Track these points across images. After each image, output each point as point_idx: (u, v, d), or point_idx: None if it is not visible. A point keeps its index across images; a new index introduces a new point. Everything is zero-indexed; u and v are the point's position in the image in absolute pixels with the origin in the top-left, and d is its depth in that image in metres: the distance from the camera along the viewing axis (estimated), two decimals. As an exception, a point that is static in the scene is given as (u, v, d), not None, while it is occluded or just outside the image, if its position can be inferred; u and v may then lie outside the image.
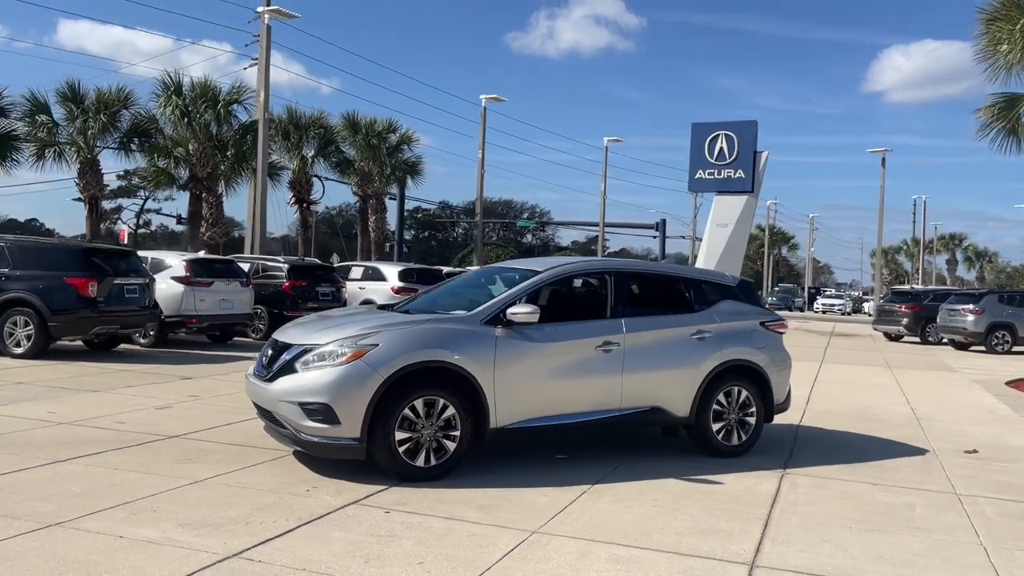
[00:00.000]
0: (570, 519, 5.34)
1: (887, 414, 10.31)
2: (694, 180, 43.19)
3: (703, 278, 7.73)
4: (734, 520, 5.46)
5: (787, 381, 7.80)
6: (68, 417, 7.96)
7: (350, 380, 5.91)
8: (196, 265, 14.99)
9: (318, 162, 29.02)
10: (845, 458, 7.55)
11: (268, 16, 20.03)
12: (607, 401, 6.80)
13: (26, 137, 21.37)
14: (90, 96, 22.18)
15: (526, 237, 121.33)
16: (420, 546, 4.70)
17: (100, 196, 22.62)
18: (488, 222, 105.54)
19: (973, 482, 6.87)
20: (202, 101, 23.06)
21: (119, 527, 4.78)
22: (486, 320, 6.43)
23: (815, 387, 12.84)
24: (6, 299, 12.42)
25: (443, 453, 6.16)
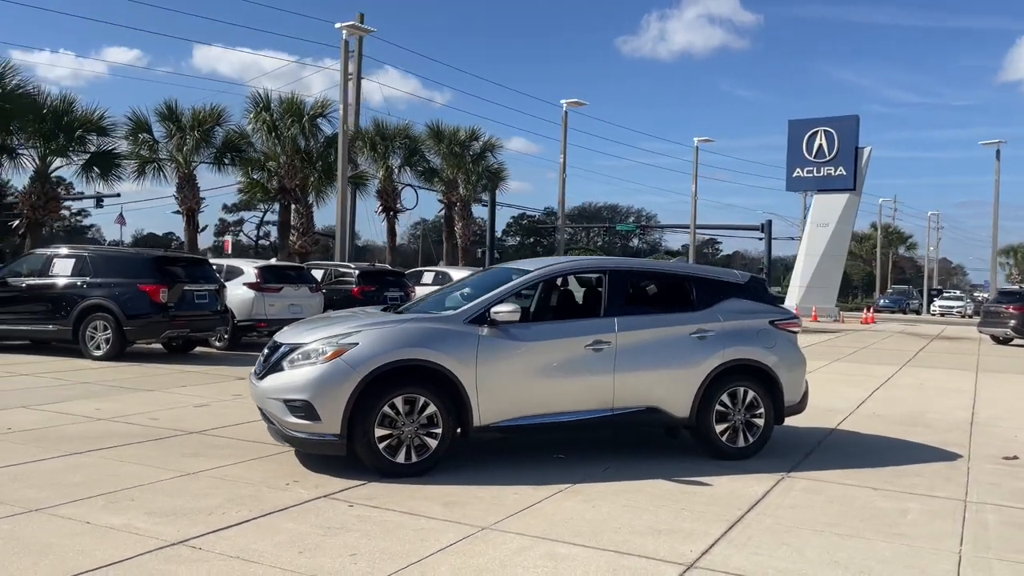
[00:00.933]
0: (529, 517, 5.34)
1: (940, 419, 9.74)
2: (792, 179, 42.16)
3: (706, 276, 7.54)
4: (701, 522, 5.33)
5: (800, 382, 7.50)
6: (109, 414, 8.49)
7: (330, 378, 6.09)
8: (266, 272, 15.65)
9: (404, 171, 29.77)
10: (863, 462, 7.21)
11: (346, 32, 20.69)
12: (598, 400, 6.73)
13: (129, 154, 22.87)
14: (186, 114, 23.51)
15: (632, 241, 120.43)
16: (363, 538, 4.81)
17: (197, 209, 23.91)
18: (592, 227, 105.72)
19: (993, 489, 6.44)
20: (288, 116, 24.11)
21: (91, 514, 5.10)
22: (470, 319, 6.49)
23: (878, 391, 12.26)
24: (87, 305, 13.33)
25: (425, 450, 6.26)
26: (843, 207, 40.12)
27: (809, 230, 41.19)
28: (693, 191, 36.84)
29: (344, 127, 21.24)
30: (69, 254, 14.05)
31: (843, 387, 12.54)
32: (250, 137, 24.77)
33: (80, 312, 13.37)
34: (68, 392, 9.94)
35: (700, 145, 37.97)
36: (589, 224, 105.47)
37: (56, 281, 13.72)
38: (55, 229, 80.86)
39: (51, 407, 8.82)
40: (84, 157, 21.58)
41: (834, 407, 10.30)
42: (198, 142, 23.22)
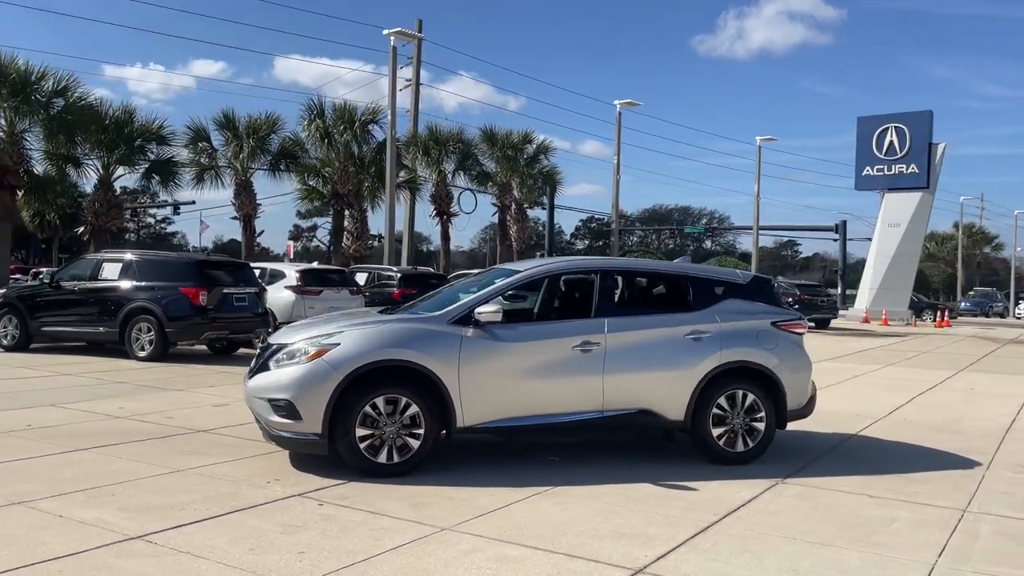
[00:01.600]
0: (496, 519, 5.29)
1: (975, 426, 9.28)
2: (861, 177, 40.90)
3: (704, 276, 7.35)
4: (670, 527, 5.19)
5: (805, 385, 7.25)
6: (129, 412, 8.77)
7: (311, 378, 6.15)
8: (307, 275, 15.97)
9: (458, 175, 29.98)
10: (870, 469, 6.92)
11: (393, 39, 20.95)
12: (587, 402, 6.63)
13: (187, 162, 23.66)
14: (242, 122, 24.17)
15: (705, 244, 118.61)
16: (319, 537, 4.83)
17: (253, 215, 24.56)
18: (660, 229, 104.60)
19: (1002, 499, 6.10)
20: (341, 123, 24.54)
21: (68, 508, 5.26)
22: (454, 320, 6.47)
23: (921, 396, 11.77)
24: (132, 308, 13.81)
25: (407, 451, 6.26)
26: (915, 206, 38.71)
27: (880, 230, 39.88)
28: (756, 191, 36.12)
29: (392, 132, 21.51)
30: (116, 258, 14.58)
31: (884, 392, 12.09)
32: (304, 144, 25.31)
33: (126, 314, 13.86)
34: (101, 391, 10.30)
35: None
36: (660, 227, 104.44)
37: (104, 284, 14.25)
38: (140, 235, 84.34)
39: (78, 405, 9.15)
40: (144, 166, 22.35)
41: (865, 412, 9.93)
42: (253, 149, 23.86)
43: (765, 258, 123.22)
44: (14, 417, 8.34)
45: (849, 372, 14.81)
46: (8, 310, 15.08)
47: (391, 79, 21.50)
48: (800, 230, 74.39)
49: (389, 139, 21.56)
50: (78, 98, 20.01)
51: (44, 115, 19.61)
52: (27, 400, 9.48)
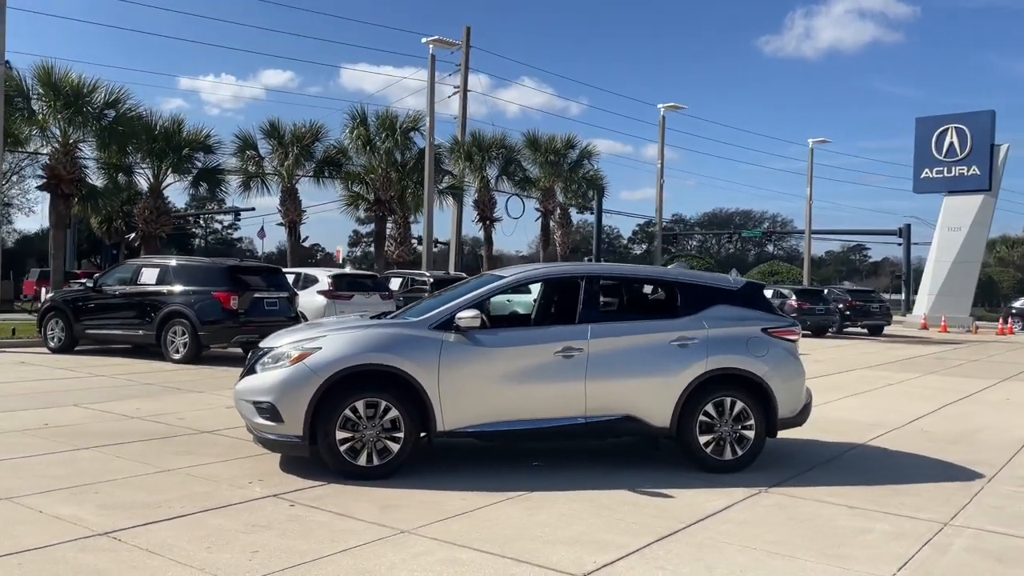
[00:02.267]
0: (458, 523, 5.33)
1: (993, 438, 8.96)
2: (919, 180, 39.83)
3: (693, 282, 7.26)
4: (630, 534, 5.16)
5: (798, 393, 7.11)
6: (144, 413, 9.06)
7: (292, 381, 6.28)
8: (339, 280, 16.24)
9: (502, 180, 30.11)
10: (863, 480, 6.75)
11: (432, 47, 21.17)
12: (569, 408, 6.62)
13: (233, 170, 24.33)
14: (288, 131, 24.72)
15: (767, 247, 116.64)
16: (277, 537, 4.94)
17: (298, 221, 25.09)
18: (720, 233, 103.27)
19: (990, 513, 5.90)
20: (383, 130, 24.92)
21: (49, 504, 5.47)
22: (435, 325, 6.54)
23: (949, 406, 11.41)
24: (168, 311, 14.26)
25: (387, 454, 6.35)
26: (977, 209, 37.48)
27: (939, 234, 38.72)
28: (808, 195, 35.41)
29: (431, 139, 21.74)
30: (154, 263, 15.07)
31: (912, 401, 11.75)
32: (347, 151, 25.75)
33: (162, 318, 14.31)
34: (125, 392, 10.66)
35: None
36: (717, 231, 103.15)
37: (143, 289, 14.73)
38: (207, 242, 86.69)
39: (98, 405, 9.49)
40: (193, 174, 23.02)
41: (881, 422, 9.68)
42: (298, 157, 24.38)
43: (832, 263, 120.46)
44: (35, 416, 8.69)
45: (883, 380, 14.43)
46: (55, 313, 15.71)
47: (429, 86, 21.72)
48: (861, 234, 73.05)
49: (428, 146, 21.79)
50: (128, 109, 20.75)
51: (96, 126, 20.34)
52: (54, 400, 9.87)
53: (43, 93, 19.84)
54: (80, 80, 19.87)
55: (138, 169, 22.33)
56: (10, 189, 63.94)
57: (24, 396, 10.20)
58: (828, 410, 10.56)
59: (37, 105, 20.04)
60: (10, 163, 55.06)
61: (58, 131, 20.18)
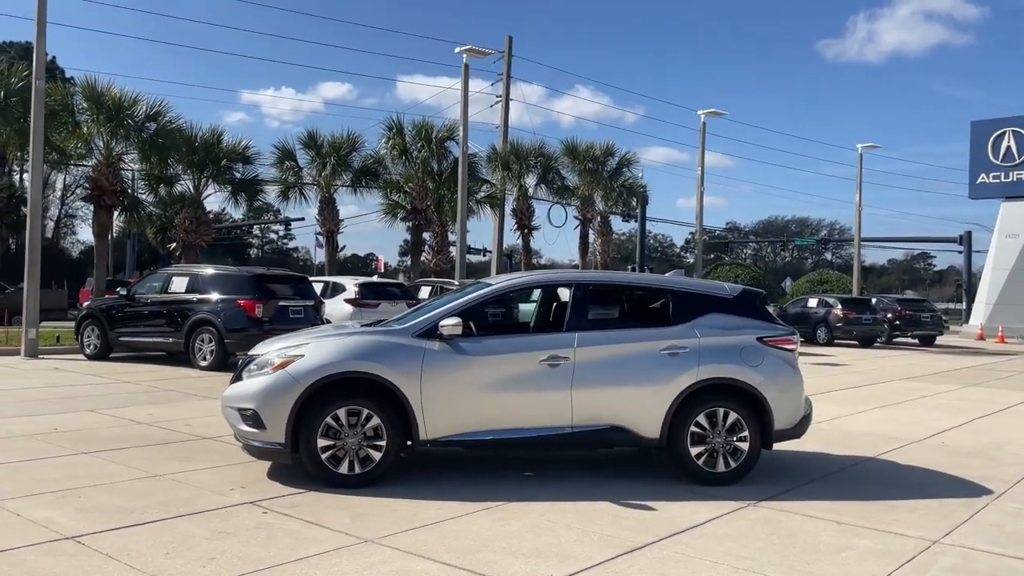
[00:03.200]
0: (424, 532, 5.27)
1: (1014, 453, 8.55)
2: (975, 186, 38.67)
3: (686, 289, 7.09)
4: (598, 547, 5.04)
5: (795, 404, 6.88)
6: (154, 419, 9.20)
7: (274, 388, 6.31)
8: (366, 289, 16.36)
9: (540, 189, 30.06)
10: (860, 495, 6.50)
11: (465, 56, 21.25)
12: (555, 417, 6.52)
13: (271, 180, 24.77)
14: (325, 141, 25.07)
15: (825, 255, 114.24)
16: (239, 544, 4.94)
17: (336, 230, 25.38)
18: (774, 241, 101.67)
19: (986, 531, 5.62)
20: (419, 139, 25.12)
21: (29, 508, 5.57)
22: (419, 333, 6.51)
23: (980, 420, 10.97)
24: (196, 319, 14.53)
25: (369, 462, 6.32)
26: (1035, 215, 36.14)
27: (996, 242, 37.48)
28: (857, 201, 34.56)
29: (464, 148, 21.79)
30: (184, 272, 15.38)
31: (940, 413, 11.33)
32: (385, 161, 26.01)
33: (190, 326, 14.59)
34: (144, 398, 10.87)
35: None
36: (769, 239, 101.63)
37: (172, 297, 15.03)
38: (263, 252, 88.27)
39: (113, 411, 9.67)
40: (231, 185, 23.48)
41: (900, 435, 9.35)
42: (335, 167, 24.70)
43: (894, 271, 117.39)
44: (48, 421, 8.89)
45: (918, 392, 13.96)
46: (91, 321, 16.12)
47: (463, 95, 21.79)
48: (918, 241, 70.82)
49: (462, 155, 21.87)
50: (168, 121, 21.25)
51: (138, 138, 20.87)
52: (72, 405, 10.11)
53: (87, 107, 20.44)
54: (122, 94, 20.43)
55: (179, 181, 22.78)
56: (74, 202, 66.21)
57: (45, 401, 10.47)
58: (848, 422, 10.26)
59: (82, 119, 20.63)
60: (74, 176, 57.06)
61: (101, 144, 20.75)
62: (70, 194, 65.54)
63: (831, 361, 20.34)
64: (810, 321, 28.23)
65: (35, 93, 16.37)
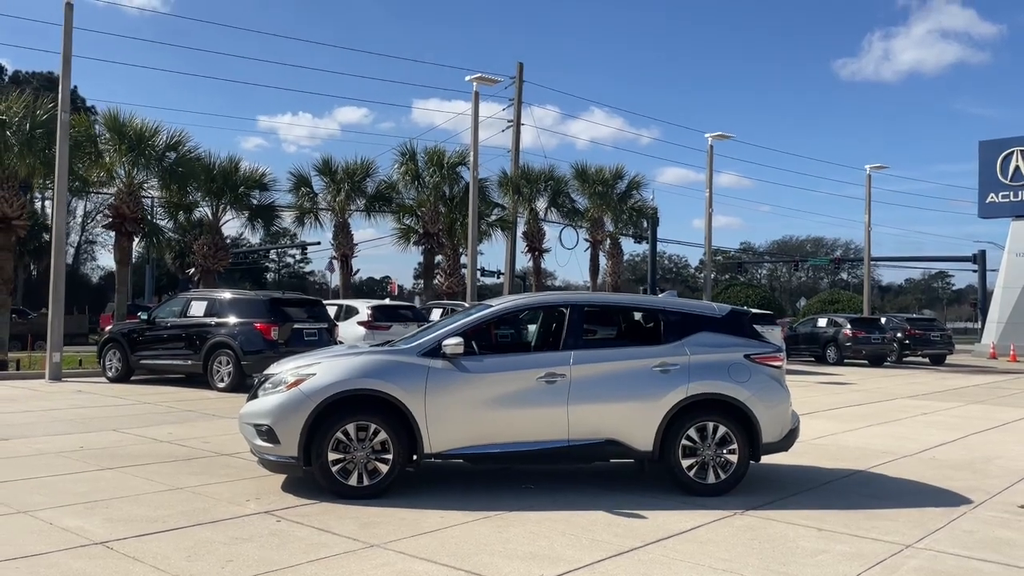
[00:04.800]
0: (427, 539, 5.63)
1: (1001, 466, 8.82)
2: (984, 205, 38.87)
3: (676, 309, 7.46)
4: (586, 550, 5.39)
5: (782, 418, 7.22)
6: (174, 437, 9.63)
7: (288, 405, 6.72)
8: (378, 311, 16.79)
9: (550, 212, 30.57)
10: (845, 504, 6.81)
11: (476, 83, 21.79)
12: (552, 432, 6.89)
13: (287, 206, 25.42)
14: (340, 167, 25.69)
15: (841, 275, 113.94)
16: (255, 548, 5.33)
17: (350, 254, 25.94)
18: (787, 261, 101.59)
19: (959, 537, 5.92)
20: (431, 165, 25.73)
21: (61, 517, 5.98)
22: (424, 352, 6.91)
23: (975, 435, 11.23)
24: (213, 342, 15.00)
25: (376, 474, 6.71)
26: (1045, 234, 36.24)
27: (1007, 261, 37.58)
28: (866, 221, 34.72)
29: (475, 173, 22.28)
30: (203, 297, 15.87)
31: (936, 430, 11.60)
32: (398, 186, 26.61)
33: (208, 348, 15.06)
34: (164, 418, 11.31)
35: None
36: (782, 259, 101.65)
37: (191, 321, 15.53)
38: (280, 276, 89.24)
39: (135, 430, 10.11)
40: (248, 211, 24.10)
41: (893, 449, 9.64)
42: (349, 192, 25.30)
43: (912, 291, 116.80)
44: (74, 440, 9.34)
45: (919, 410, 14.20)
46: (113, 345, 16.64)
47: (473, 122, 22.32)
48: (931, 260, 71.02)
49: (472, 179, 22.37)
50: (188, 151, 21.94)
51: (158, 167, 21.50)
52: (96, 425, 10.56)
53: (110, 138, 21.11)
54: (143, 125, 21.09)
55: (198, 208, 23.41)
56: (94, 228, 67.36)
57: (70, 421, 10.92)
58: (844, 438, 10.55)
59: (104, 149, 21.30)
60: (95, 204, 58.18)
61: (123, 173, 21.39)
62: (91, 221, 66.64)
63: (837, 380, 20.57)
64: (819, 341, 28.43)
65: (60, 126, 17.02)
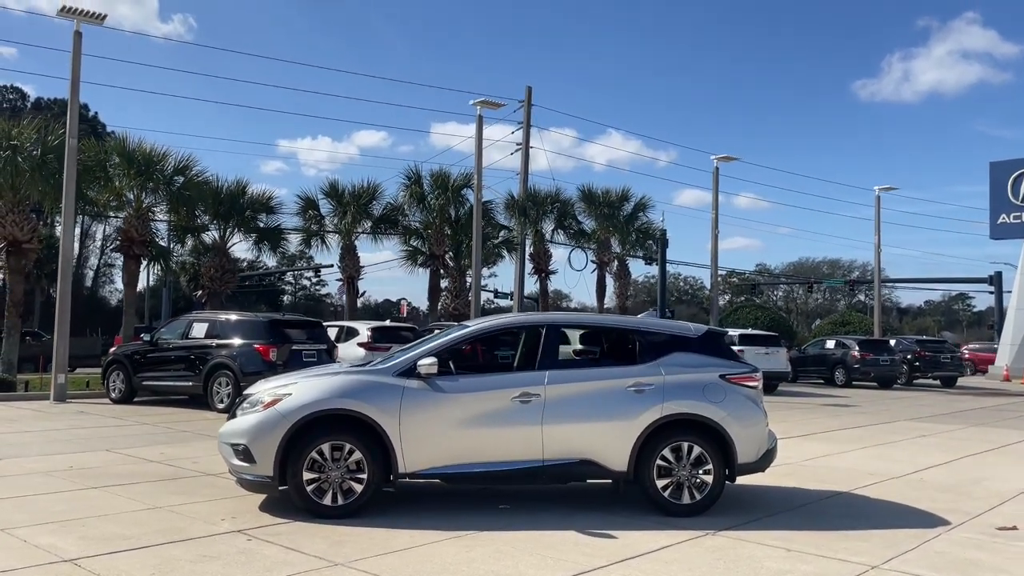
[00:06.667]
0: (393, 557, 5.67)
1: (986, 488, 8.74)
2: (996, 226, 38.62)
3: (652, 329, 7.51)
4: (549, 570, 5.41)
5: (757, 438, 7.22)
6: (165, 457, 9.73)
7: (264, 425, 6.79)
8: (377, 332, 16.90)
9: (557, 233, 30.70)
10: (820, 525, 6.79)
11: (480, 108, 22.00)
12: (527, 451, 6.92)
13: (294, 229, 25.72)
14: (347, 191, 25.97)
15: (858, 297, 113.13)
16: (220, 566, 5.39)
17: (356, 276, 26.19)
18: (803, 283, 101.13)
19: (928, 558, 5.89)
20: (436, 187, 25.98)
21: (35, 535, 6.07)
22: (399, 372, 6.99)
23: (969, 457, 11.14)
24: (214, 363, 15.15)
25: (351, 494, 6.76)
26: (1058, 255, 35.92)
27: (1019, 282, 37.24)
28: (876, 242, 34.62)
29: (479, 196, 22.45)
30: (203, 319, 16.04)
31: (929, 452, 11.51)
32: (404, 208, 26.86)
33: (209, 369, 15.21)
34: (159, 439, 11.42)
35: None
36: (796, 280, 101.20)
37: (192, 343, 15.69)
38: (296, 298, 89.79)
39: (127, 450, 10.23)
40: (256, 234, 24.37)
41: (879, 471, 9.58)
42: (355, 215, 25.55)
43: (931, 312, 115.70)
44: (65, 460, 9.45)
45: (918, 432, 14.10)
46: (116, 366, 16.83)
47: (476, 145, 22.51)
48: (946, 282, 70.36)
49: (476, 202, 22.55)
50: (195, 175, 22.24)
51: (167, 191, 21.81)
52: (90, 445, 10.68)
53: (119, 163, 21.45)
54: (152, 149, 21.43)
55: (207, 231, 23.68)
56: (112, 252, 68.13)
57: (66, 441, 11.06)
58: (834, 460, 10.50)
59: (113, 173, 21.63)
60: (113, 227, 58.90)
61: (132, 196, 21.70)
62: (110, 244, 67.40)
63: (842, 402, 20.44)
64: (828, 363, 28.27)
65: (68, 151, 17.34)
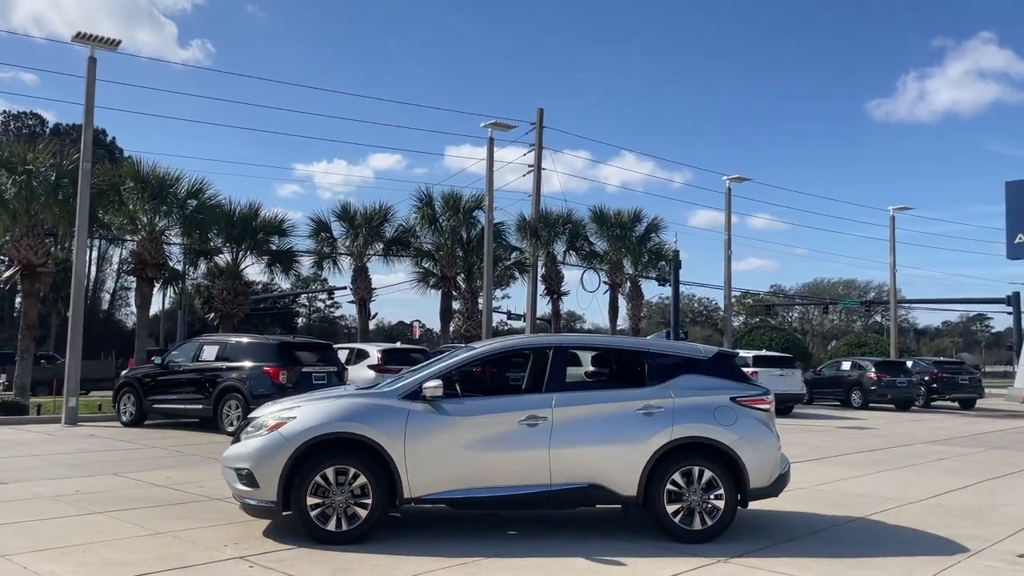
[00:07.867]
0: (396, 585, 5.56)
1: (1008, 514, 8.52)
2: (1013, 246, 38.22)
3: (662, 351, 7.38)
4: (556, 599, 5.29)
5: (770, 462, 7.06)
6: (172, 482, 9.65)
7: (267, 449, 6.71)
8: (388, 355, 16.83)
9: (569, 255, 30.62)
10: (834, 552, 6.62)
11: (491, 130, 22.03)
12: (533, 476, 6.79)
13: (307, 251, 25.81)
14: (359, 213, 26.03)
15: (875, 319, 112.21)
16: (220, 594, 5.30)
17: (368, 298, 26.16)
18: (818, 303, 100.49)
19: (949, 587, 5.73)
20: (448, 209, 26.01)
21: (35, 562, 5.99)
22: (404, 395, 6.89)
23: (989, 481, 10.91)
24: (223, 386, 15.10)
25: (356, 519, 6.65)
26: (1078, 274, 35.57)
27: (1038, 302, 36.81)
28: (891, 263, 34.35)
29: (489, 218, 22.43)
30: (214, 341, 16.02)
31: (948, 476, 11.28)
32: (415, 230, 26.89)
33: (219, 392, 15.16)
34: (167, 462, 11.35)
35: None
36: (817, 302, 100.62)
37: (203, 365, 15.66)
38: (311, 320, 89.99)
39: (134, 474, 10.16)
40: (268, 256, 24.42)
41: (897, 496, 9.38)
42: (367, 237, 25.59)
43: (949, 333, 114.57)
44: (71, 484, 9.39)
45: (936, 455, 13.84)
46: (127, 389, 16.83)
47: (488, 167, 22.52)
48: (964, 303, 69.57)
49: (487, 224, 22.52)
50: (208, 198, 22.36)
51: (180, 214, 21.91)
52: (98, 469, 10.62)
53: (132, 186, 21.58)
54: (165, 173, 21.56)
55: (220, 254, 23.76)
56: (127, 274, 68.58)
57: (74, 465, 11.01)
58: (850, 484, 10.30)
59: (127, 197, 21.76)
60: (129, 250, 59.40)
61: (145, 219, 21.81)
62: (126, 267, 67.84)
63: (858, 425, 20.14)
64: (844, 384, 27.94)
65: (82, 175, 17.46)
